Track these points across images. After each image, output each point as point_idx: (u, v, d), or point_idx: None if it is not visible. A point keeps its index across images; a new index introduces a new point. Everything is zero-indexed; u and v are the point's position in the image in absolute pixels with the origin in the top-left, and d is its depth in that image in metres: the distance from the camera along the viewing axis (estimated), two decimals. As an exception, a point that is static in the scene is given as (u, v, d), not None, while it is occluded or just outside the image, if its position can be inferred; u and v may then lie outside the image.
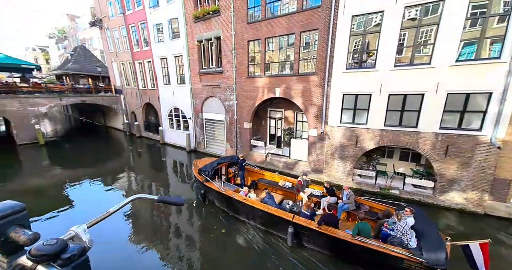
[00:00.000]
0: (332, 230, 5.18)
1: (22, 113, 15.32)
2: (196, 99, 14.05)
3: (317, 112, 9.55)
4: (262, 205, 6.26)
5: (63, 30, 40.60)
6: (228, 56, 11.60)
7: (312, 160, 10.23)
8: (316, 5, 8.52)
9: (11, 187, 10.03)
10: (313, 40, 9.09)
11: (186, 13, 12.51)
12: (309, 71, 9.41)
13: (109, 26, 18.41)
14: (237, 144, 12.69)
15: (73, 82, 20.55)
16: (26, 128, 15.59)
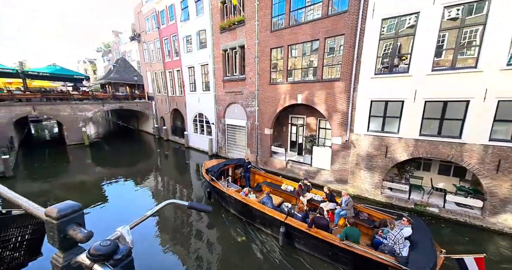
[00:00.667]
0: (322, 232, 5.22)
1: (72, 117, 17.20)
2: (219, 106, 14.34)
3: (341, 119, 8.98)
4: (258, 205, 6.55)
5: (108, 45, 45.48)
6: (251, 64, 11.68)
7: (335, 169, 9.58)
8: (342, 10, 8.15)
9: (61, 181, 11.24)
10: (338, 45, 8.68)
11: (213, 25, 13.02)
12: (334, 77, 8.96)
13: (145, 40, 20.06)
14: (258, 150, 12.53)
15: (114, 90, 22.68)
16: (75, 131, 17.43)
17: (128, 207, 8.77)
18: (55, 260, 0.86)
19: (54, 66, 17.85)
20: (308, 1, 8.93)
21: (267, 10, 10.18)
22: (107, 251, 0.75)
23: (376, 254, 4.47)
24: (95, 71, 49.85)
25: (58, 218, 0.86)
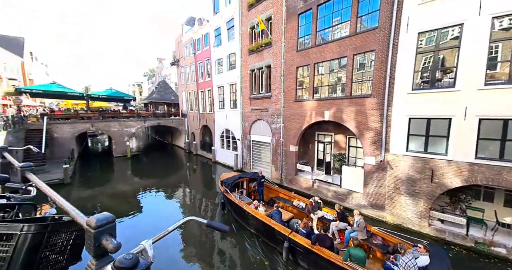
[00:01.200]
0: (325, 251, 5.04)
1: (120, 132, 19.38)
2: (245, 122, 14.59)
3: (374, 137, 8.18)
4: (265, 217, 6.59)
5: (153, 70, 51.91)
6: (277, 82, 11.83)
7: (369, 192, 8.54)
8: (372, 27, 7.86)
9: (106, 190, 12.45)
10: (368, 61, 8.25)
11: (242, 48, 13.84)
12: (364, 94, 8.41)
13: (183, 64, 22.30)
14: (282, 167, 12.08)
15: (154, 109, 25.19)
16: (121, 144, 19.47)
17: (156, 219, 9.07)
18: (89, 266, 0.92)
19: (111, 90, 20.84)
20: (335, 21, 8.89)
21: (294, 32, 10.43)
22: (128, 265, 0.78)
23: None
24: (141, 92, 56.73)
25: (95, 228, 0.92)
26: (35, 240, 1.12)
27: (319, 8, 9.23)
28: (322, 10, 9.19)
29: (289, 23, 10.57)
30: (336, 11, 8.74)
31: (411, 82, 7.08)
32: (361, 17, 8.17)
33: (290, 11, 10.47)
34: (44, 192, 1.63)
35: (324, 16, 9.16)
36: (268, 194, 9.48)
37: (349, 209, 8.97)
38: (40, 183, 1.92)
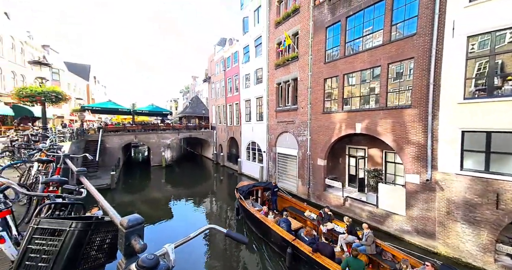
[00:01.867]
0: (324, 259, 5.08)
1: (157, 144, 21.04)
2: (271, 134, 14.44)
3: (417, 153, 7.16)
4: (272, 224, 6.79)
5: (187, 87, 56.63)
6: (303, 94, 11.59)
7: (413, 215, 7.32)
8: (410, 34, 7.26)
9: (143, 195, 13.37)
10: (406, 69, 7.53)
11: (269, 63, 14.17)
12: (402, 104, 7.58)
13: (214, 80, 23.79)
14: (310, 182, 11.36)
15: (187, 122, 26.98)
16: (157, 155, 21.03)
17: (183, 225, 9.36)
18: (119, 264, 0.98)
19: (152, 105, 23.19)
20: (366, 31, 8.50)
21: (321, 45, 10.29)
22: (150, 265, 0.82)
23: None
24: (177, 107, 61.94)
25: (127, 228, 0.99)
26: (80, 237, 1.20)
27: (348, 19, 8.99)
28: (352, 22, 8.92)
29: (316, 36, 10.51)
30: (367, 21, 8.38)
31: (462, 91, 6.14)
32: (396, 24, 7.64)
33: (317, 25, 10.44)
34: (92, 193, 1.83)
35: (354, 27, 8.86)
36: (282, 204, 9.66)
37: (389, 234, 7.79)
38: (90, 185, 2.12)
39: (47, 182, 2.31)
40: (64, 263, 1.15)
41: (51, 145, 4.43)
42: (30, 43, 20.58)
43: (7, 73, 17.53)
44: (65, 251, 1.16)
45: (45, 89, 6.57)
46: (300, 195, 12.01)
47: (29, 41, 20.48)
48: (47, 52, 23.54)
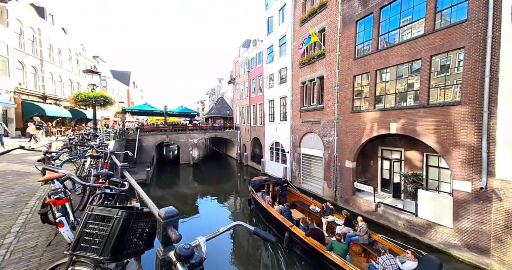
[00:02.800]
0: (313, 241, 5.83)
1: (185, 143, 22.26)
2: (295, 135, 14.08)
3: (468, 156, 6.19)
4: (275, 212, 7.77)
5: (213, 88, 58.89)
6: (330, 93, 11.03)
7: (463, 228, 6.35)
8: (458, 21, 6.33)
9: (173, 191, 14.32)
10: (454, 61, 6.58)
11: (293, 62, 13.85)
12: (449, 101, 6.65)
13: (238, 82, 24.24)
14: (337, 184, 10.73)
15: (213, 122, 28.01)
16: (186, 153, 22.25)
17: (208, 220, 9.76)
18: (158, 252, 1.08)
19: (182, 107, 24.69)
20: (404, 21, 7.68)
21: (350, 40, 9.66)
22: (186, 254, 0.88)
23: (348, 265, 4.80)
24: (203, 108, 64.89)
25: (164, 219, 1.08)
26: (125, 224, 1.30)
27: (382, 10, 8.25)
28: (386, 12, 8.16)
29: (345, 31, 9.89)
30: (405, 10, 7.56)
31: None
32: (442, 11, 6.74)
33: (346, 20, 9.83)
34: (133, 186, 2.00)
35: (389, 18, 8.09)
36: (291, 198, 10.28)
37: (431, 247, 6.90)
38: (131, 179, 2.33)
39: (98, 175, 2.57)
40: (112, 247, 1.25)
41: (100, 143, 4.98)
42: (83, 54, 23.70)
43: (65, 81, 20.46)
44: (113, 236, 1.26)
45: (96, 95, 7.46)
46: (326, 198, 11.43)
47: (82, 52, 23.59)
48: (97, 62, 26.82)
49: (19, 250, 2.39)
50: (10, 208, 3.42)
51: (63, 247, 2.46)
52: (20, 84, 14.91)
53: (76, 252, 1.27)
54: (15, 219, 3.06)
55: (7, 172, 5.35)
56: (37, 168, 3.60)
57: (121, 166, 2.31)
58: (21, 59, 15.08)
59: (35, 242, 2.55)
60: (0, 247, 2.41)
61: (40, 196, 3.91)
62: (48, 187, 4.08)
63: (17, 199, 3.74)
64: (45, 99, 17.14)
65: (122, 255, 1.31)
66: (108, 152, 3.62)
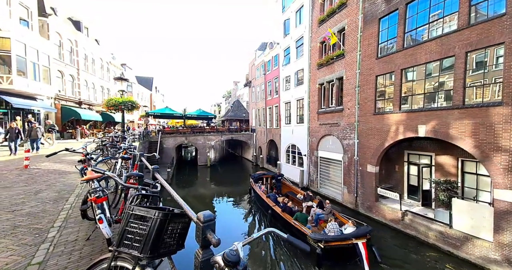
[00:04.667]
0: (286, 215, 8.21)
1: (203, 145, 22.90)
2: (313, 137, 13.75)
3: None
4: (264, 196, 10.22)
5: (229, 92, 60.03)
6: (350, 94, 10.63)
7: (505, 242, 5.65)
8: (497, 15, 5.76)
9: (191, 191, 14.75)
10: (492, 58, 5.98)
11: (311, 63, 13.62)
12: (488, 101, 6.03)
13: (254, 84, 24.44)
14: (357, 190, 10.23)
15: (229, 125, 28.47)
16: (203, 155, 22.87)
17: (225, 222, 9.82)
18: (197, 254, 1.10)
19: (200, 110, 25.53)
20: (434, 16, 7.18)
21: (372, 39, 9.25)
22: (234, 260, 0.88)
23: (304, 228, 7.22)
24: (220, 111, 66.39)
25: (203, 222, 1.11)
26: (161, 224, 1.34)
27: (409, 6, 7.79)
28: (413, 8, 7.70)
29: (367, 30, 9.51)
30: (435, 4, 7.07)
31: None
32: (476, 4, 6.18)
33: (367, 18, 9.45)
34: (166, 189, 2.07)
35: (416, 13, 7.62)
36: (284, 189, 12.40)
37: (468, 262, 6.24)
38: (164, 181, 2.41)
39: (130, 176, 2.72)
40: (151, 245, 1.30)
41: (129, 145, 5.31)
42: (113, 62, 25.72)
43: (98, 88, 22.31)
44: (151, 235, 1.31)
45: (124, 100, 8.02)
46: (346, 203, 10.95)
47: (112, 61, 25.61)
48: (124, 69, 28.90)
49: (62, 243, 2.61)
50: (53, 204, 3.77)
51: (100, 242, 2.64)
52: (60, 91, 16.59)
53: (120, 249, 1.35)
54: (57, 214, 3.37)
55: (50, 170, 5.94)
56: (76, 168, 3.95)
57: (153, 168, 2.44)
58: (61, 68, 16.79)
59: (75, 237, 2.77)
60: (45, 240, 2.66)
61: (78, 193, 4.27)
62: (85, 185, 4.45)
63: (59, 196, 4.12)
64: (81, 105, 18.86)
65: (159, 253, 1.35)
66: (138, 154, 3.84)
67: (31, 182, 4.88)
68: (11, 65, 11.87)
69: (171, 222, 1.42)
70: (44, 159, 7.19)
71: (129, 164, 3.90)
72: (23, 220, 3.14)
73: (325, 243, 6.06)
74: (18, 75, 12.23)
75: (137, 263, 1.36)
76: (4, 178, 5.13)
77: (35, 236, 2.74)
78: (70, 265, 2.24)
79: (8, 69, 11.88)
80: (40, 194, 4.15)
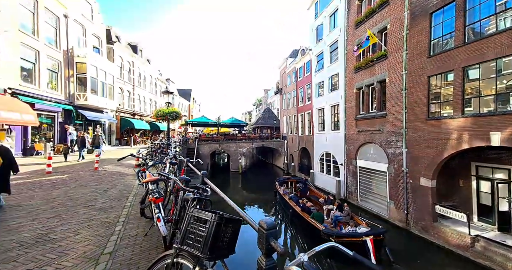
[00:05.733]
0: (305, 214, 8.98)
1: (235, 152, 23.58)
2: (350, 145, 12.77)
3: None
4: (286, 197, 11.23)
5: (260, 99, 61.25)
6: (394, 98, 9.62)
7: None
8: None
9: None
10: None
11: (347, 67, 12.95)
12: None
13: (285, 92, 24.41)
14: (408, 206, 8.93)
15: (260, 132, 28.82)
16: (235, 162, 23.50)
17: None
18: (260, 261, 1.09)
19: (233, 118, 26.69)
20: (501, 5, 6.09)
21: (423, 35, 8.31)
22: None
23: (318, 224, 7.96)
24: (250, 119, 68.07)
25: (267, 230, 1.10)
26: (217, 227, 1.39)
27: (469, -5, 6.81)
28: (475, -3, 6.69)
29: (415, 27, 8.61)
30: (505, -10, 6.00)
31: None
32: None
33: (416, 14, 8.59)
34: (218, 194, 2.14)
35: (479, 3, 6.58)
36: (310, 193, 12.80)
37: None
38: (215, 186, 2.51)
39: (181, 180, 2.92)
40: (209, 246, 1.34)
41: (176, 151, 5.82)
42: (160, 78, 29.27)
43: (147, 100, 25.55)
44: (209, 237, 1.36)
45: (170, 110, 8.98)
46: (393, 221, 9.66)
47: (159, 77, 29.17)
48: (168, 83, 32.54)
49: (126, 237, 2.95)
50: (117, 201, 4.34)
51: (155, 239, 2.89)
52: (119, 105, 19.54)
53: (183, 247, 1.44)
54: (121, 211, 3.85)
55: (113, 172, 6.92)
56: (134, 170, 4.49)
57: (202, 173, 2.58)
58: (121, 85, 19.88)
59: (136, 232, 3.10)
60: (113, 233, 3.04)
61: (135, 193, 4.84)
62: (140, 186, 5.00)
63: (121, 195, 4.72)
64: (134, 116, 21.85)
65: (217, 255, 1.40)
66: (184, 160, 4.17)
67: (100, 181, 5.75)
68: (86, 85, 14.57)
69: (225, 226, 1.46)
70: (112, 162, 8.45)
71: (174, 168, 4.24)
72: (96, 214, 3.67)
73: (336, 238, 6.55)
74: (91, 93, 14.89)
75: (197, 262, 1.43)
76: (81, 178, 6.18)
77: (106, 228, 3.16)
78: (133, 257, 2.48)
79: (84, 88, 14.60)
80: (108, 192, 4.84)
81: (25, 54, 10.91)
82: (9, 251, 2.51)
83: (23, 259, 2.36)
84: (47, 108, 11.98)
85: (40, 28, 11.66)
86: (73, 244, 2.71)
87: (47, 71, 12.35)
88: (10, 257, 2.39)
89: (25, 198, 4.35)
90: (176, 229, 2.41)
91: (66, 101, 13.43)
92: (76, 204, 4.07)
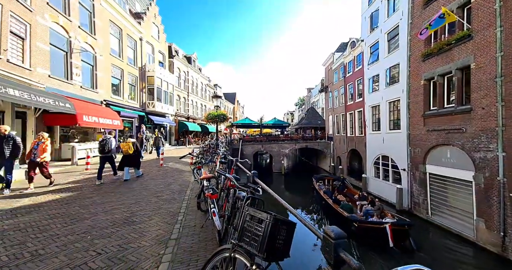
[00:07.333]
0: (336, 205, 10.02)
1: (277, 153, 23.52)
2: (416, 147, 10.79)
3: None
4: (322, 192, 12.27)
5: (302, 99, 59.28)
6: (484, 88, 7.59)
7: None
8: None
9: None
10: None
11: (411, 56, 11.05)
12: None
13: (331, 89, 22.82)
14: (505, 226, 6.86)
15: (303, 133, 27.85)
16: (278, 162, 23.43)
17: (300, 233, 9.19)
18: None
19: (275, 119, 26.83)
20: None
21: (529, 3, 6.28)
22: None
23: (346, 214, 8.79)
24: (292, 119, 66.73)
25: (335, 239, 1.03)
26: (272, 228, 1.37)
27: None
28: None
29: (516, -6, 6.59)
30: None
31: None
32: None
33: (516, -23, 6.57)
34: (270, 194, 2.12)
35: None
36: (347, 190, 13.34)
37: None
38: (266, 186, 2.53)
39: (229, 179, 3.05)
40: (266, 246, 1.32)
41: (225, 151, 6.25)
42: (209, 84, 32.24)
43: (198, 105, 28.53)
44: (266, 236, 1.34)
45: (219, 113, 9.76)
46: (483, 243, 7.61)
47: (208, 83, 32.16)
48: (216, 88, 35.47)
49: (186, 226, 3.31)
50: (178, 194, 4.95)
51: (209, 231, 3.12)
52: (177, 110, 22.53)
53: (241, 243, 1.47)
54: (181, 202, 4.37)
55: (173, 168, 7.98)
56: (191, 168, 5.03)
57: (252, 173, 2.63)
58: (178, 93, 22.89)
59: (194, 223, 3.45)
60: (177, 222, 3.46)
61: (192, 188, 5.42)
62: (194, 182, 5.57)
63: (180, 189, 5.38)
64: (188, 119, 24.84)
65: (273, 256, 1.37)
66: (234, 160, 4.41)
67: (164, 176, 6.72)
68: (153, 94, 17.42)
69: (279, 228, 1.43)
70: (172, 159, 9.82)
71: (224, 167, 4.50)
72: (163, 204, 4.28)
73: (359, 223, 7.72)
74: (157, 101, 17.68)
75: (254, 261, 1.42)
76: (151, 171, 7.38)
77: (171, 217, 3.63)
78: (194, 246, 2.74)
79: (152, 97, 17.48)
80: (171, 186, 5.60)
81: (115, 73, 13.89)
82: (105, 228, 3.18)
83: (115, 236, 2.94)
84: (128, 115, 14.86)
85: (123, 51, 14.62)
86: (149, 227, 3.22)
87: (128, 85, 15.34)
88: (106, 234, 3.01)
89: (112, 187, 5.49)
90: (229, 224, 2.52)
91: (140, 108, 16.37)
92: (149, 194, 4.86)
